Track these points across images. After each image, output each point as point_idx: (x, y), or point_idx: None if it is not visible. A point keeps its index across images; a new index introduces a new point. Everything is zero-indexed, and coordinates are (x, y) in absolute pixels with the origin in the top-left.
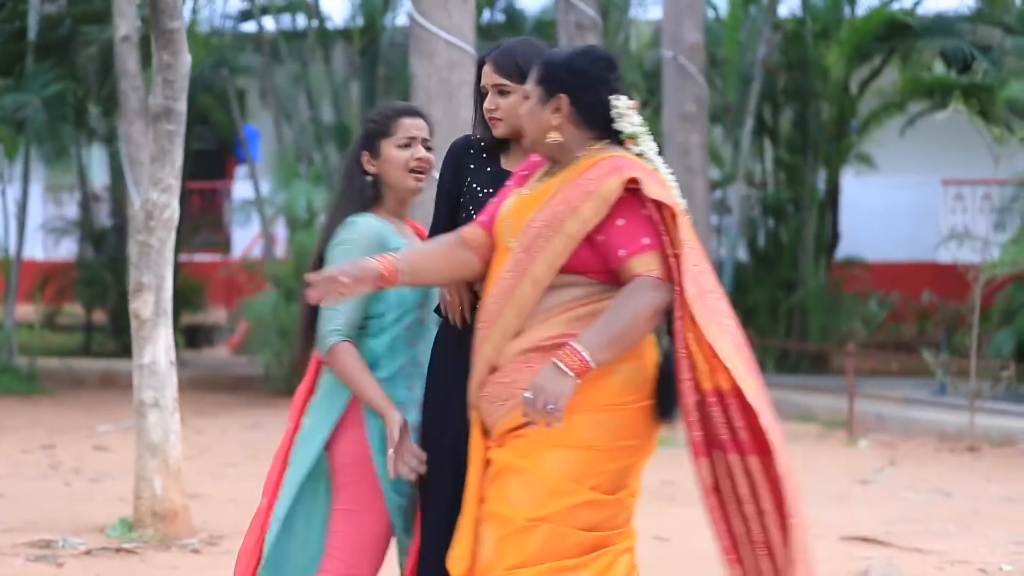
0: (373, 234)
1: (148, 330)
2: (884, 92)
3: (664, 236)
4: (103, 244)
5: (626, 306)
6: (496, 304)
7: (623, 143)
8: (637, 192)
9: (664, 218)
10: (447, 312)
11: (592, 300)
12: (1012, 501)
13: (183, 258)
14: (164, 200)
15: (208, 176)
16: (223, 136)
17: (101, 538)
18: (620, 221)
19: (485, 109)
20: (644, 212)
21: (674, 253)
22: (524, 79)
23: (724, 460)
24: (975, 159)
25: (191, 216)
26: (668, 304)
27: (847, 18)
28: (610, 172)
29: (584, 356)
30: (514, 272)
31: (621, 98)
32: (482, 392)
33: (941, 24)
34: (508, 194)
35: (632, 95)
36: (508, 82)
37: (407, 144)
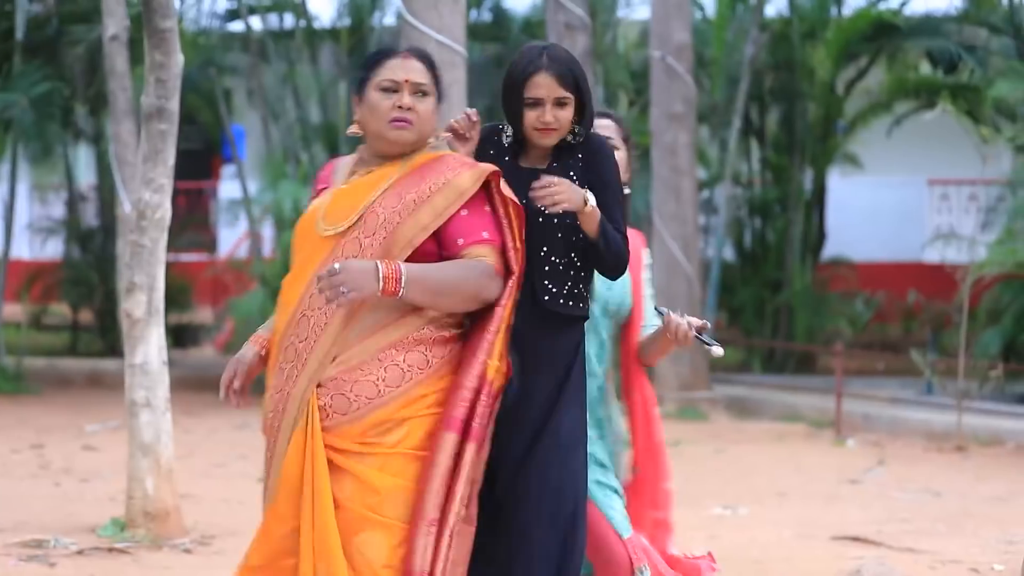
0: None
1: (140, 330)
2: (871, 92)
3: (507, 232)
4: (90, 244)
5: (459, 270)
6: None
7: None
8: (485, 188)
9: (509, 215)
10: None
11: None
12: (1001, 501)
13: (169, 258)
14: (156, 200)
15: (194, 176)
16: (209, 136)
17: (93, 538)
18: (464, 212)
19: (541, 121)
20: (487, 208)
21: (515, 247)
22: (579, 89)
23: (462, 443)
24: (961, 159)
25: (177, 216)
26: (493, 297)
27: (834, 18)
28: (462, 167)
29: (401, 282)
30: (359, 258)
31: None
32: (331, 381)
33: (928, 24)
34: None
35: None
36: (568, 94)
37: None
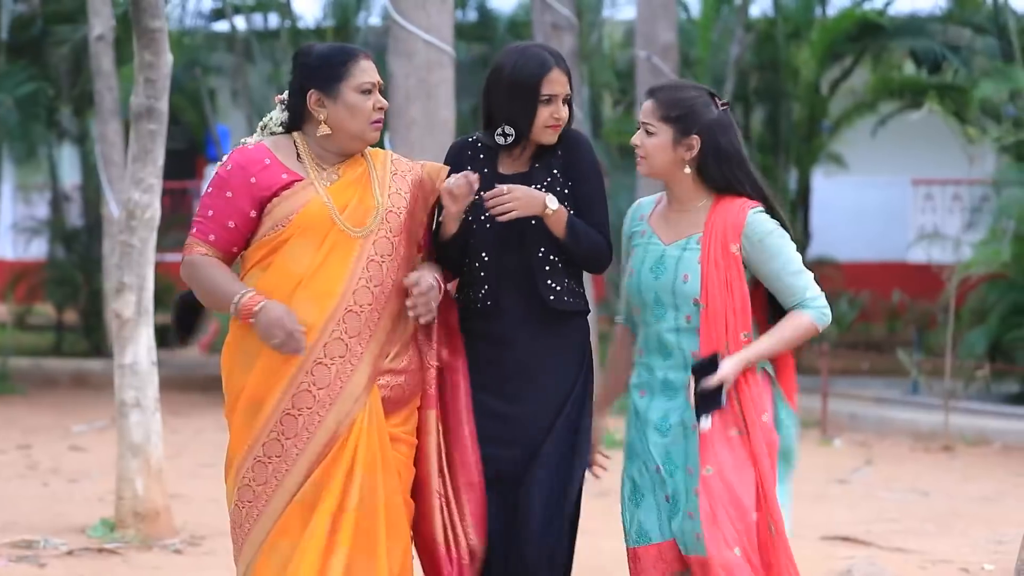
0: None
1: (130, 330)
2: (855, 92)
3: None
4: (74, 244)
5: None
6: (382, 287)
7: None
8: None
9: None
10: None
11: None
12: (989, 500)
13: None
14: (146, 200)
15: (178, 176)
16: (193, 136)
17: (82, 538)
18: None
19: (554, 117)
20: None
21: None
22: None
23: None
24: (945, 159)
25: (162, 216)
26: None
27: (818, 19)
28: (421, 166)
29: None
30: (392, 257)
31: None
32: (387, 374)
33: (912, 24)
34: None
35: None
36: (571, 91)
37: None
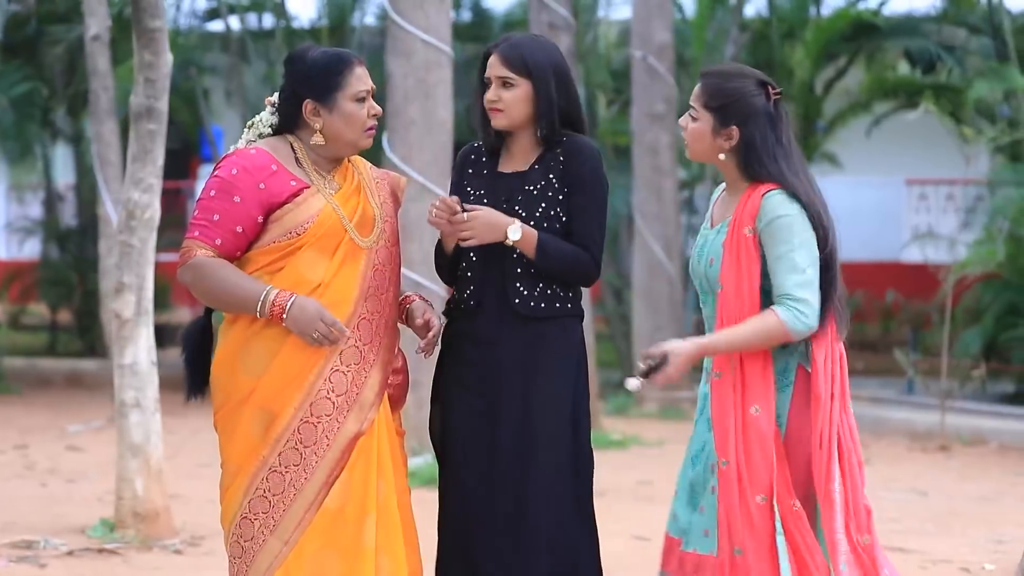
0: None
1: (129, 330)
2: (850, 92)
3: None
4: (68, 244)
5: None
6: (386, 295)
7: None
8: None
9: None
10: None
11: None
12: (988, 500)
13: None
14: (145, 200)
15: (172, 176)
16: (187, 136)
17: (82, 539)
18: None
19: (486, 100)
20: None
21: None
22: (530, 74)
23: None
24: (939, 159)
25: None
26: None
27: (813, 18)
28: (385, 172)
29: None
30: (390, 265)
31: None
32: (395, 374)
33: (907, 24)
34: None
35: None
36: (514, 75)
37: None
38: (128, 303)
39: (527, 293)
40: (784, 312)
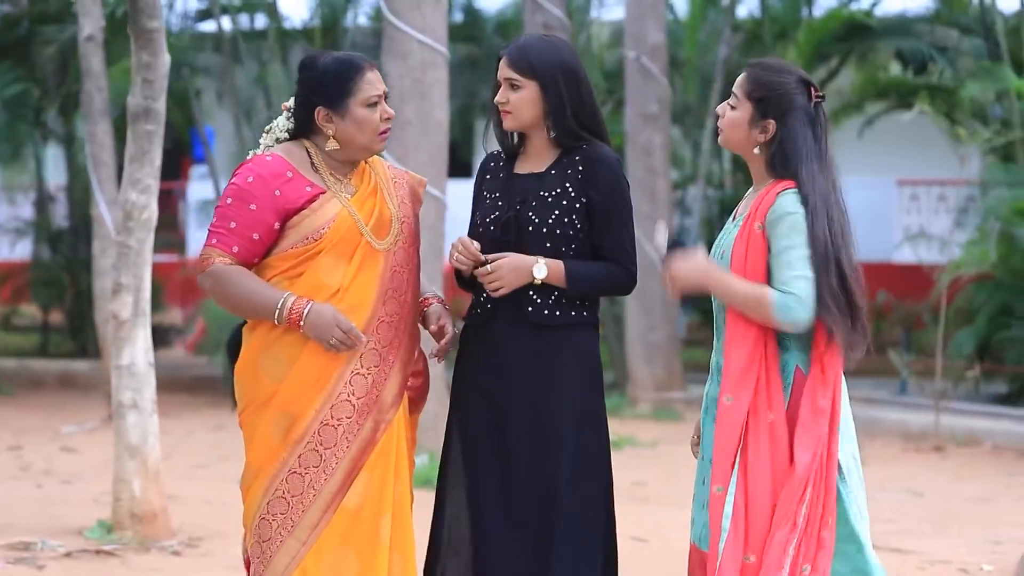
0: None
1: (127, 331)
2: (842, 93)
3: None
4: (60, 245)
5: None
6: (405, 296)
7: None
8: None
9: None
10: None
11: None
12: (984, 501)
13: None
14: (143, 201)
15: (163, 177)
16: (178, 136)
17: (80, 540)
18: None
19: (496, 101)
20: None
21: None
22: (536, 75)
23: None
24: (931, 160)
25: None
26: None
27: (805, 19)
28: (404, 172)
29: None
30: (409, 266)
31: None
32: (414, 376)
33: (899, 25)
34: (312, 204)
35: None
36: (520, 77)
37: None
38: (126, 304)
39: (540, 302)
40: (777, 296)
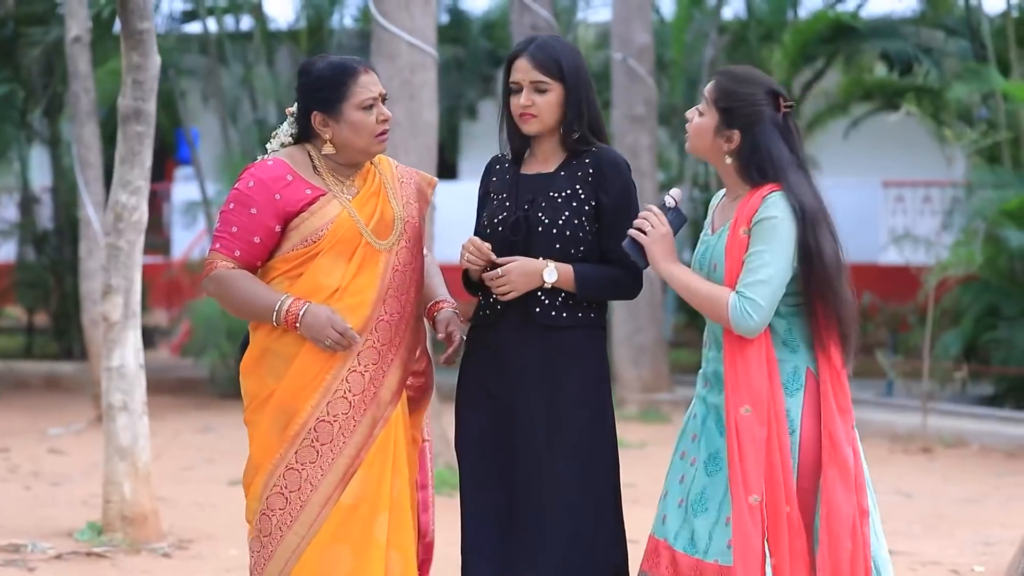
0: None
1: (117, 332)
2: (827, 94)
3: None
4: (45, 246)
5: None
6: (407, 295)
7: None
8: None
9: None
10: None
11: None
12: (973, 502)
13: None
14: (133, 202)
15: None
16: (163, 138)
17: (70, 542)
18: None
19: (519, 106)
20: None
21: None
22: (563, 77)
23: None
24: (916, 161)
25: None
26: None
27: (791, 21)
28: (413, 171)
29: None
30: (412, 266)
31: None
32: (414, 375)
33: (885, 27)
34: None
35: None
36: (549, 79)
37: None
38: (116, 306)
39: (548, 303)
40: (735, 301)
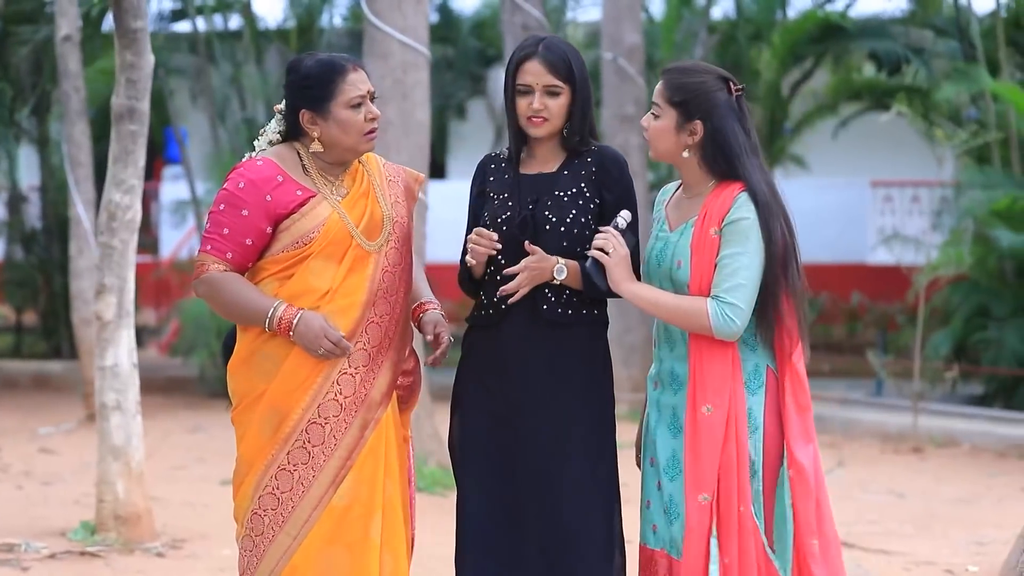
0: None
1: (110, 332)
2: (816, 94)
3: None
4: (33, 245)
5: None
6: (396, 296)
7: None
8: None
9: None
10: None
11: None
12: (965, 502)
13: None
14: (127, 201)
15: None
16: (151, 137)
17: (63, 542)
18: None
19: (531, 109)
20: None
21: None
22: (574, 80)
23: None
24: (905, 161)
25: None
26: None
27: (780, 21)
28: (401, 168)
29: None
30: (401, 266)
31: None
32: (404, 375)
33: (874, 26)
34: (302, 207)
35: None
36: (562, 83)
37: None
38: (110, 305)
39: (554, 299)
40: (715, 307)
